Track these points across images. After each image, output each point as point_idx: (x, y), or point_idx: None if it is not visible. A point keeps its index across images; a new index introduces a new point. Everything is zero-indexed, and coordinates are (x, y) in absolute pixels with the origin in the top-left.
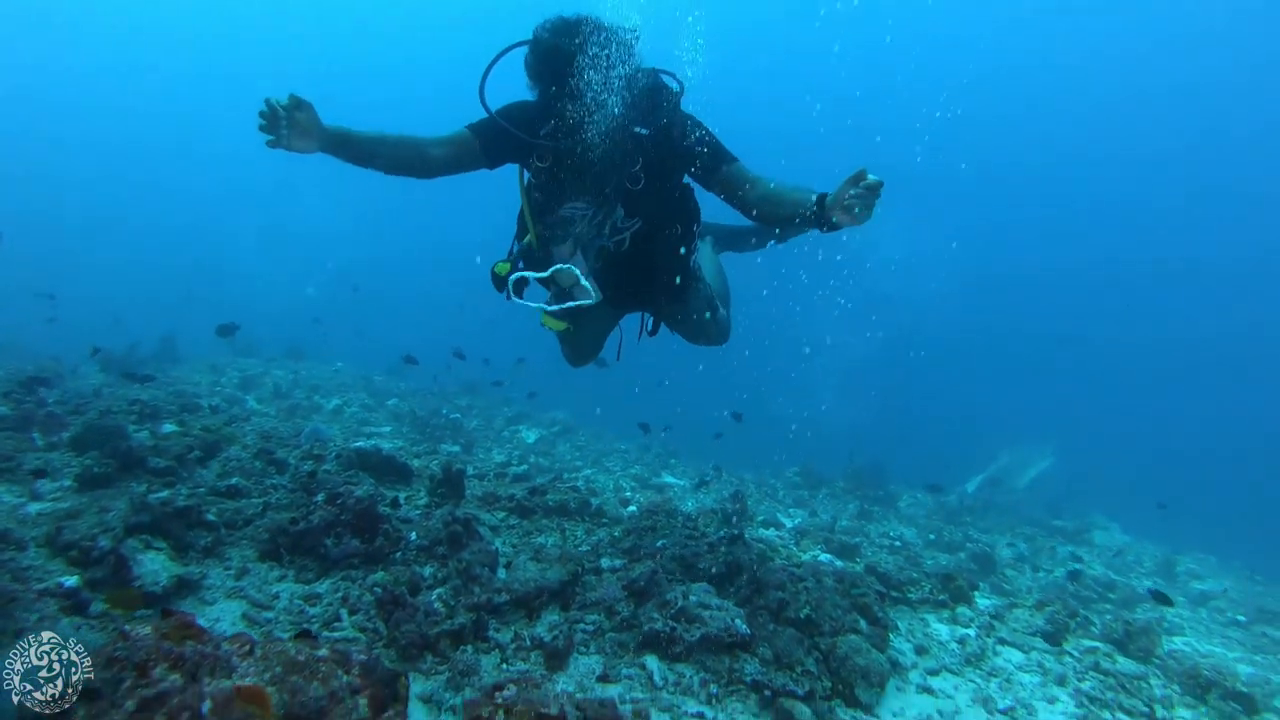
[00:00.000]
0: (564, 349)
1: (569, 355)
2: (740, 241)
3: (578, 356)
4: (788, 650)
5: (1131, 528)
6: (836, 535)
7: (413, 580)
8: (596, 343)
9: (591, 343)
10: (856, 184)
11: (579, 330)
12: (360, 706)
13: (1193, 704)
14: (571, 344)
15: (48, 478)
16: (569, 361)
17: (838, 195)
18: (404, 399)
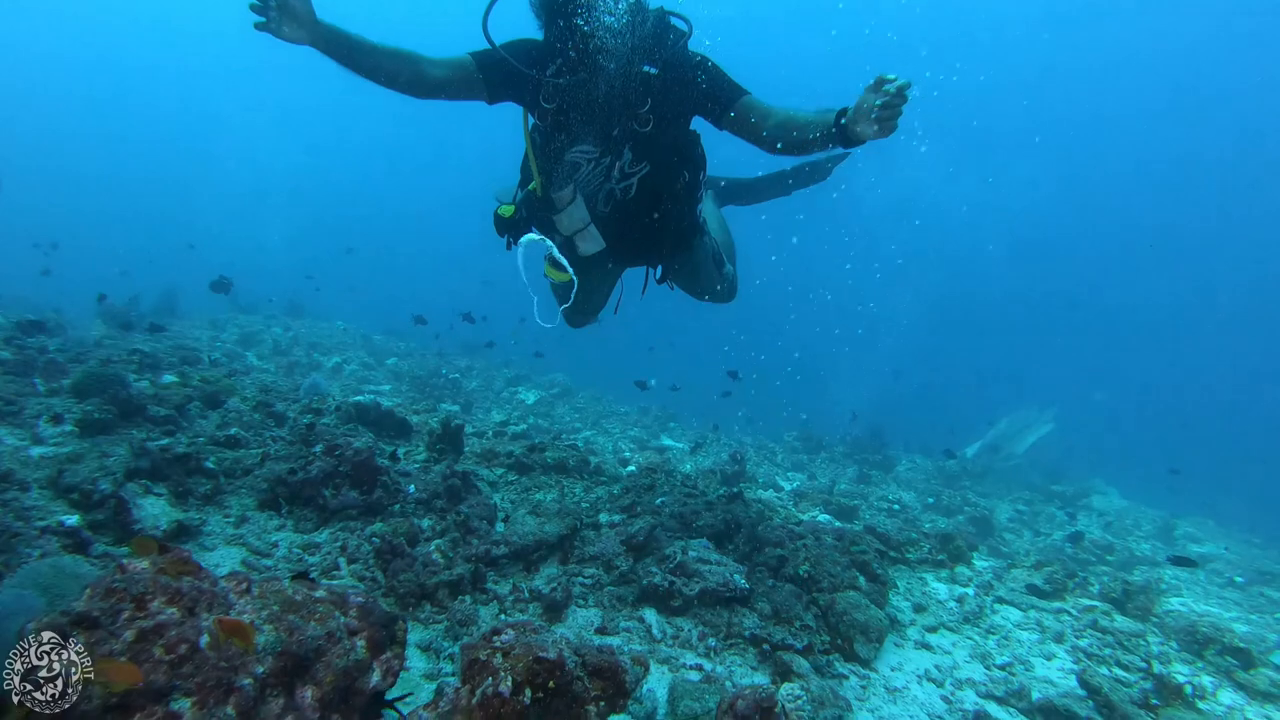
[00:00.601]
0: (561, 305)
1: (568, 314)
2: (744, 194)
3: (577, 314)
4: (786, 605)
5: (1130, 492)
6: (835, 498)
7: (411, 531)
8: (597, 300)
9: (592, 299)
10: (879, 90)
11: (581, 284)
12: (358, 648)
13: (1190, 659)
14: (572, 300)
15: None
16: (568, 321)
17: (860, 105)
18: (404, 359)
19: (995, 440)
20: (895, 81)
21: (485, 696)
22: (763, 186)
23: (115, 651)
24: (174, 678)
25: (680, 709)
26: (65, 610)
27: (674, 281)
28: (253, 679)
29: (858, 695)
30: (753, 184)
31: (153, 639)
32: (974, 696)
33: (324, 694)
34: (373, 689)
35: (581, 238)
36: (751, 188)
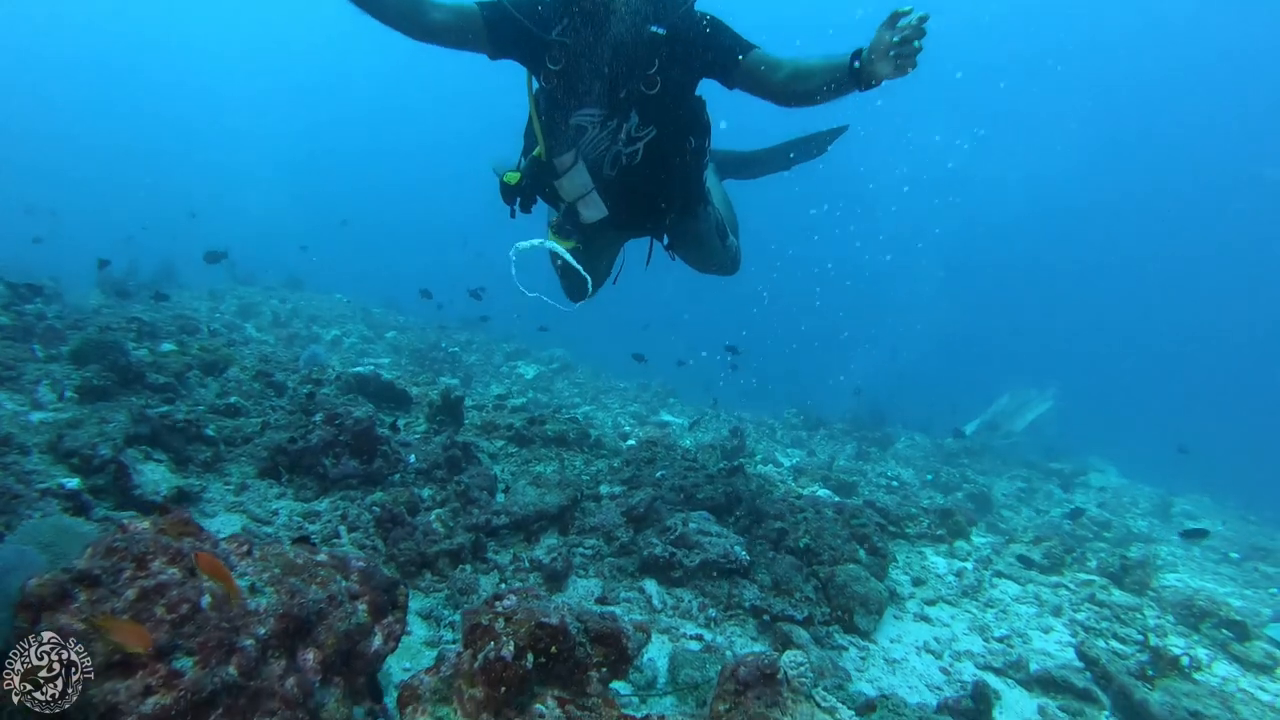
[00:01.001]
0: (563, 280)
1: (568, 286)
2: (744, 168)
3: (578, 287)
4: (786, 577)
5: (1128, 470)
6: (834, 474)
7: (411, 501)
8: (598, 272)
9: (593, 271)
10: (894, 25)
11: (584, 252)
12: (359, 612)
13: (1186, 632)
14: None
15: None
16: (567, 294)
17: (876, 43)
18: (403, 332)
19: (994, 417)
20: (912, 14)
21: (487, 660)
22: (763, 160)
23: (117, 610)
24: (176, 637)
25: (681, 677)
26: (67, 568)
27: (677, 252)
28: (254, 640)
29: (857, 666)
30: (753, 157)
31: (154, 598)
32: (972, 668)
33: (325, 657)
34: (374, 653)
35: (584, 204)
36: (751, 161)
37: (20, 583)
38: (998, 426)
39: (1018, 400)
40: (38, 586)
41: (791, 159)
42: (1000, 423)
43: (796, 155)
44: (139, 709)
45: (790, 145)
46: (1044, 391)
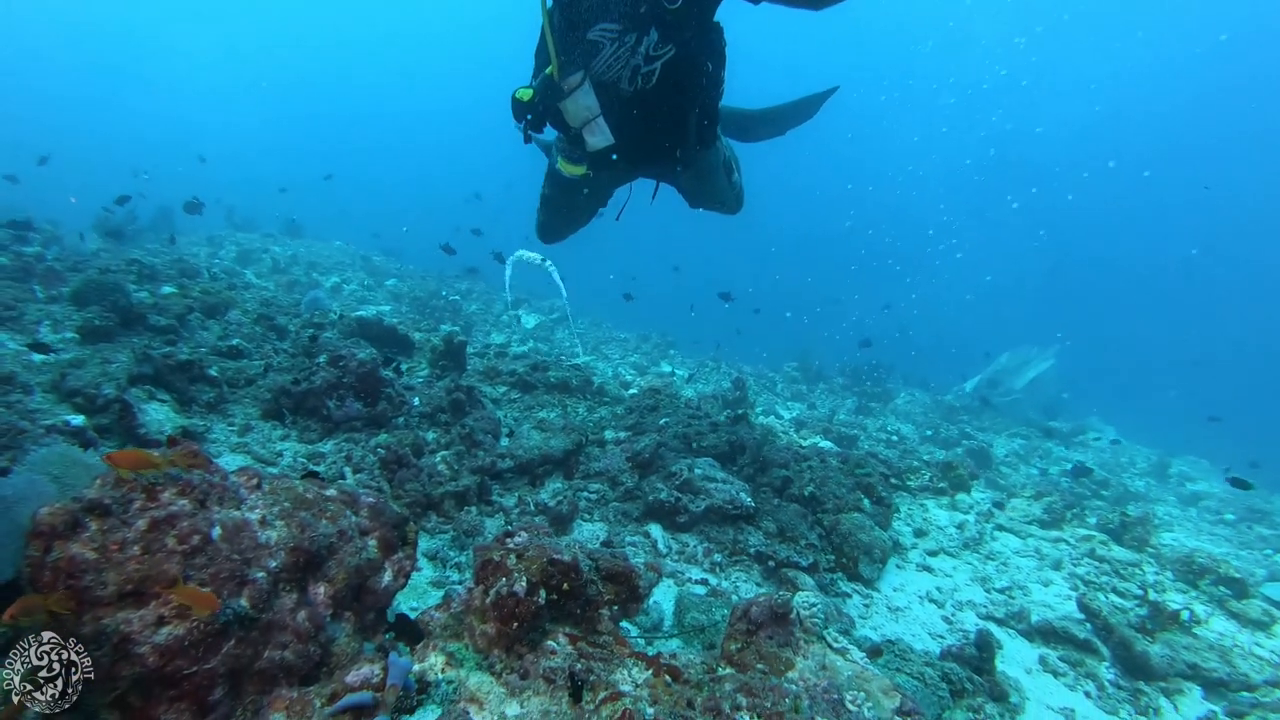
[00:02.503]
0: (547, 214)
1: (551, 220)
2: (740, 127)
3: (562, 224)
4: (791, 524)
5: (1126, 431)
6: (835, 427)
7: (416, 443)
8: (583, 211)
9: (586, 206)
10: None
11: (586, 186)
12: (369, 547)
13: (1184, 589)
14: (565, 205)
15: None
16: (546, 234)
17: None
18: (403, 280)
19: (995, 375)
20: None
21: (499, 596)
22: (758, 121)
23: (128, 540)
24: (187, 568)
25: (687, 620)
26: (77, 497)
27: (683, 185)
28: (266, 573)
29: (860, 614)
30: (749, 117)
31: (165, 529)
32: (974, 618)
33: (336, 591)
34: (384, 589)
35: (590, 130)
36: (747, 121)
37: (31, 511)
38: (998, 384)
39: (1018, 358)
40: (49, 515)
41: (784, 127)
42: (1001, 380)
43: (790, 121)
44: (152, 639)
45: (784, 108)
46: (1045, 350)
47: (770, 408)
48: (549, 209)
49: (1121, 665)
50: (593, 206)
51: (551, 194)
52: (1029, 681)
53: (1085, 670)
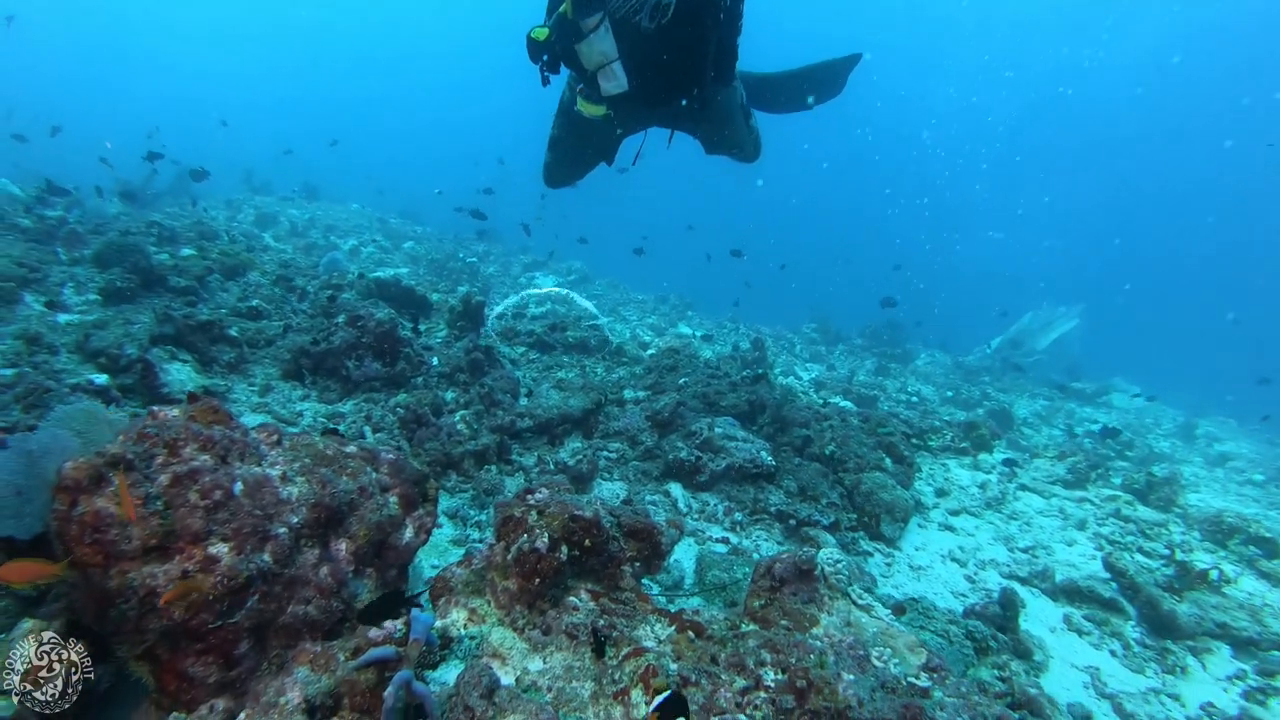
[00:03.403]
0: (554, 156)
1: (557, 163)
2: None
3: (569, 169)
4: (812, 483)
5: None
6: (855, 388)
7: (435, 402)
8: (599, 153)
9: (596, 150)
10: None
11: (602, 129)
12: (390, 504)
13: (1212, 549)
14: (575, 148)
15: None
16: (552, 177)
17: None
18: (420, 242)
19: (1018, 335)
20: None
21: (521, 552)
22: (777, 87)
23: (151, 494)
24: (210, 523)
25: (708, 579)
26: (100, 451)
27: (700, 130)
28: (288, 528)
29: (882, 572)
30: (768, 81)
31: (187, 484)
32: (997, 577)
33: (358, 547)
34: (406, 545)
35: (604, 75)
36: (766, 87)
37: (56, 466)
38: (1020, 344)
39: (1042, 318)
40: (73, 469)
41: (811, 102)
42: (1023, 340)
43: (816, 97)
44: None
45: (805, 74)
46: (1069, 310)
47: (789, 369)
48: (557, 151)
49: (1148, 624)
50: (601, 153)
51: (562, 135)
52: (1053, 640)
53: (1110, 629)
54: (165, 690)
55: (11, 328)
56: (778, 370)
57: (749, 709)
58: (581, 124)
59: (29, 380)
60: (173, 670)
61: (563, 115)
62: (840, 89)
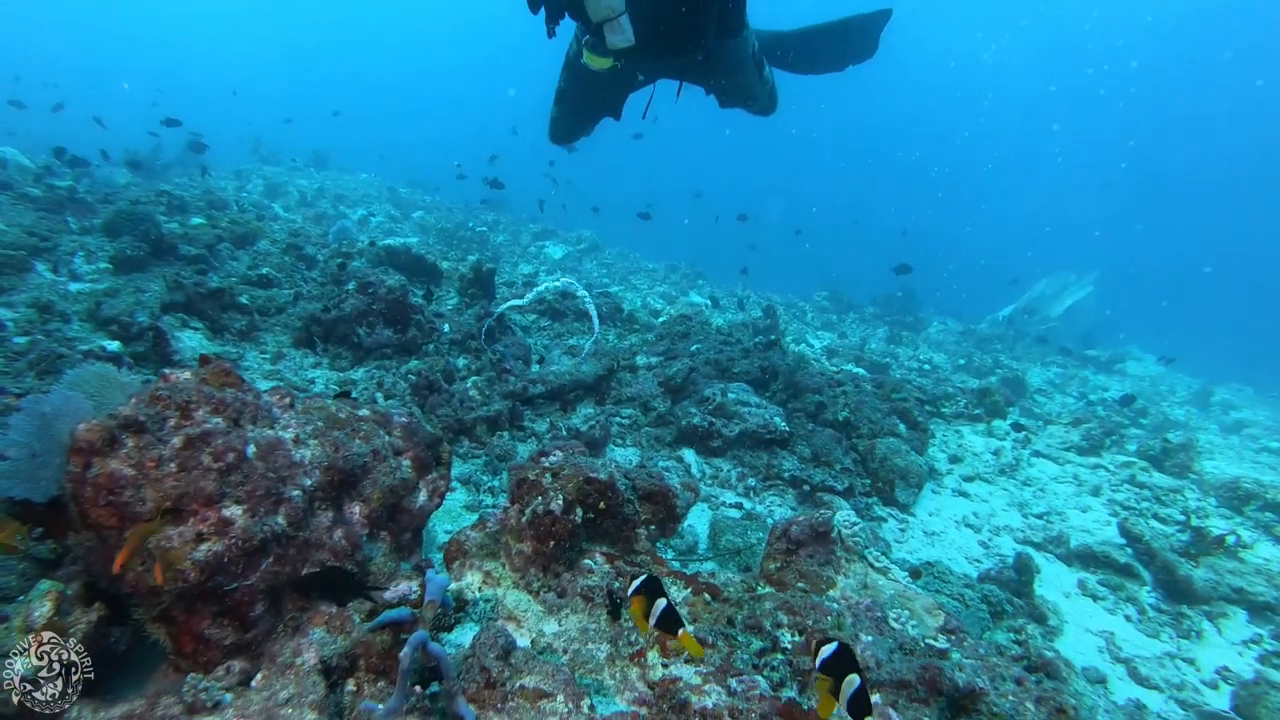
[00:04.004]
0: (561, 110)
1: (564, 117)
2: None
3: (575, 123)
4: (826, 449)
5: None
6: (867, 356)
7: (447, 369)
8: (606, 107)
9: (602, 104)
10: None
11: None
12: (403, 467)
13: (1228, 515)
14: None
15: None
16: (557, 132)
17: None
18: (430, 212)
19: (1031, 302)
20: None
21: (536, 515)
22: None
23: (165, 457)
24: (223, 485)
25: (722, 543)
26: (113, 414)
27: (713, 82)
28: (301, 491)
29: (896, 538)
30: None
31: (200, 446)
32: (1011, 542)
33: (372, 511)
34: (419, 509)
35: (611, 28)
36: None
37: (69, 428)
38: (1034, 312)
39: (1056, 285)
40: (86, 431)
41: (844, 62)
42: (1037, 308)
43: (850, 57)
44: (192, 555)
45: (831, 32)
46: (1083, 276)
47: (801, 336)
48: (564, 104)
49: (1164, 589)
50: (608, 107)
51: (568, 89)
52: (1067, 605)
53: (1125, 594)
54: (182, 652)
55: (24, 296)
56: (789, 338)
57: (766, 670)
58: (587, 77)
59: (42, 348)
60: (189, 632)
61: (569, 69)
62: (873, 50)
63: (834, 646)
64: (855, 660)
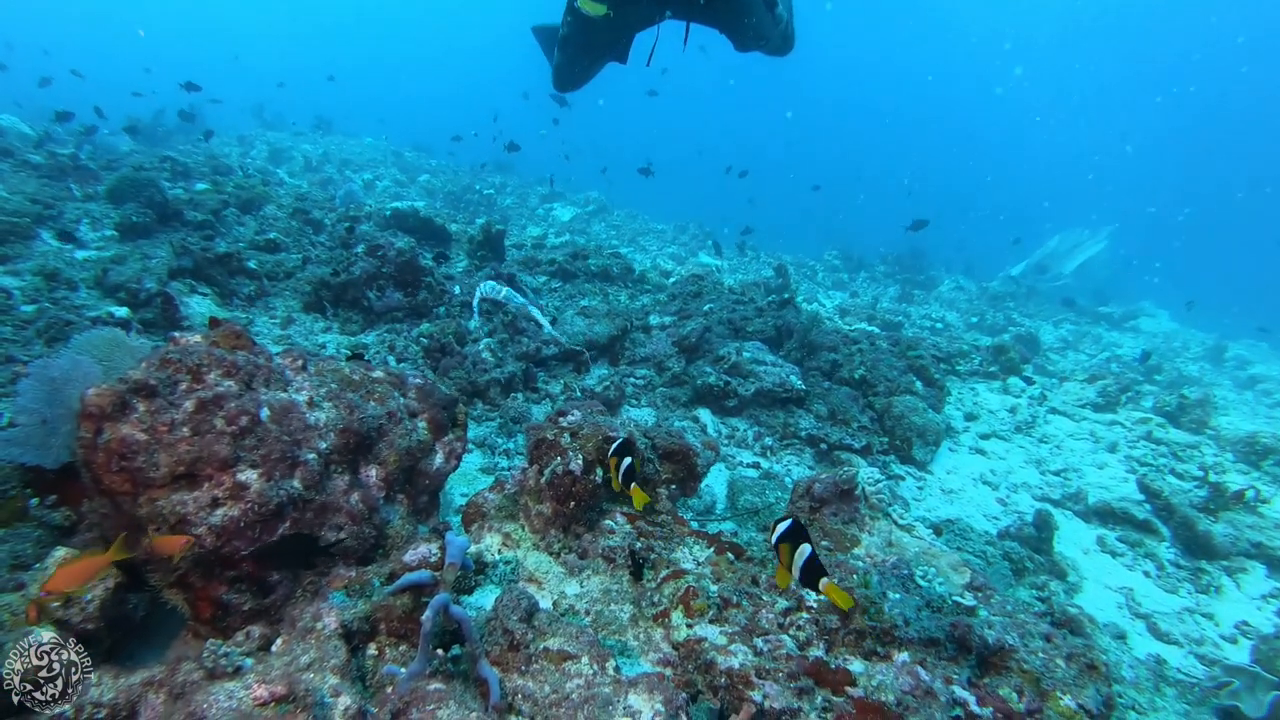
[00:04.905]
0: (564, 56)
1: (567, 63)
2: None
3: (580, 69)
4: (843, 407)
5: (1181, 315)
6: (879, 314)
7: (459, 331)
8: (610, 50)
9: (606, 48)
10: None
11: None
12: (419, 429)
13: (1246, 470)
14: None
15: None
16: (562, 79)
17: None
18: (436, 175)
19: (1043, 259)
20: None
21: (555, 475)
22: None
23: (177, 421)
24: (237, 449)
25: (740, 503)
26: (123, 378)
27: (721, 22)
28: (316, 454)
29: (914, 496)
30: None
31: (213, 410)
32: (1029, 499)
33: (388, 473)
34: (436, 471)
35: None
36: None
37: (78, 393)
38: (1046, 269)
39: (1069, 242)
40: (96, 396)
41: None
42: (1049, 265)
43: None
44: (208, 520)
45: None
46: (1096, 233)
47: (813, 296)
48: (567, 50)
49: (1182, 545)
50: (612, 50)
51: (570, 34)
52: (1086, 562)
53: (1144, 550)
54: (200, 618)
55: (30, 264)
56: (800, 298)
57: (792, 629)
58: (587, 22)
59: (50, 315)
60: (207, 598)
61: (569, 13)
62: None
63: (789, 523)
64: (808, 534)
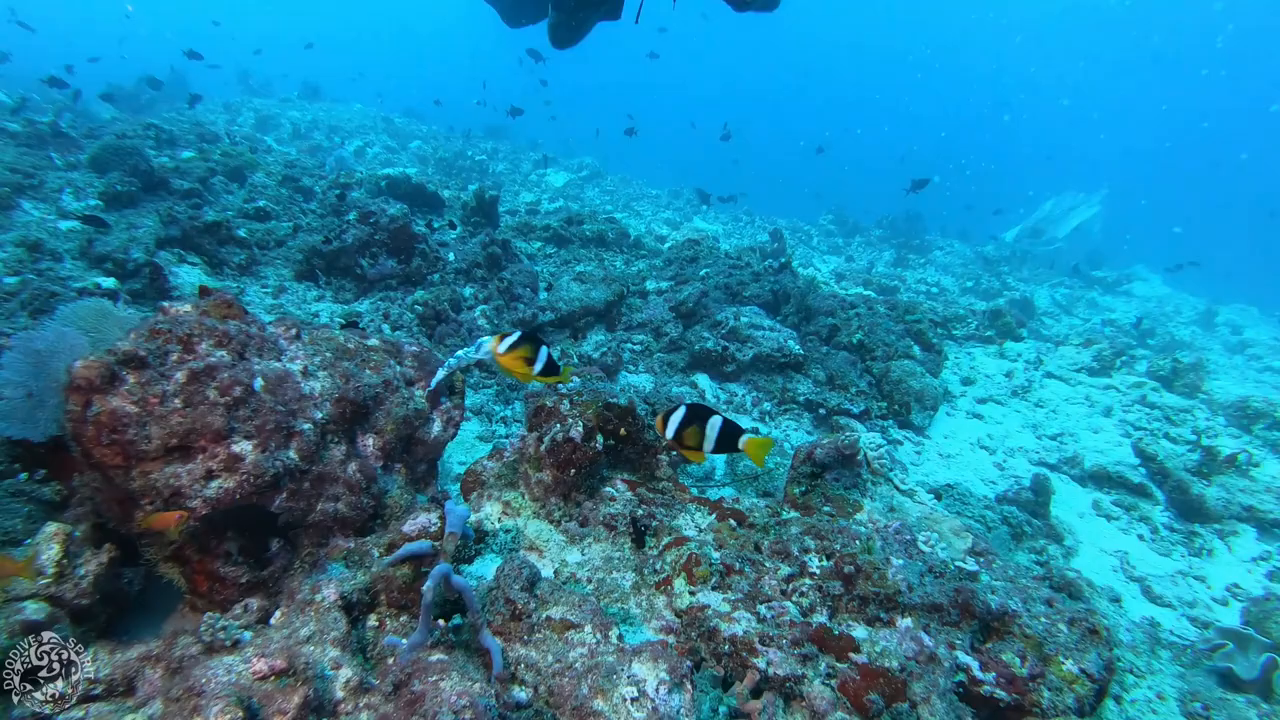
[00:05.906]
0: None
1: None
2: None
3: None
4: (841, 372)
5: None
6: (875, 279)
7: (454, 298)
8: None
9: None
10: None
11: None
12: (416, 397)
13: (1237, 434)
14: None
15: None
16: (557, 36)
17: None
18: (427, 141)
19: (1038, 223)
20: None
21: (555, 442)
22: None
23: (168, 393)
24: (231, 420)
25: (739, 469)
26: (112, 349)
27: None
28: (312, 424)
29: (912, 460)
30: None
31: (205, 380)
32: (1026, 464)
33: (386, 443)
34: (434, 439)
35: None
36: None
37: (65, 365)
38: (1041, 233)
39: (1063, 205)
40: (84, 368)
41: None
42: (1044, 229)
43: None
44: (203, 492)
45: None
46: (1090, 196)
47: (808, 260)
48: (561, 8)
49: (1176, 508)
50: (604, 8)
51: None
52: (1081, 526)
53: (1139, 514)
54: (197, 591)
55: (11, 235)
56: (796, 263)
57: (795, 595)
58: None
59: (34, 286)
60: (203, 571)
61: None
62: None
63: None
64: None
